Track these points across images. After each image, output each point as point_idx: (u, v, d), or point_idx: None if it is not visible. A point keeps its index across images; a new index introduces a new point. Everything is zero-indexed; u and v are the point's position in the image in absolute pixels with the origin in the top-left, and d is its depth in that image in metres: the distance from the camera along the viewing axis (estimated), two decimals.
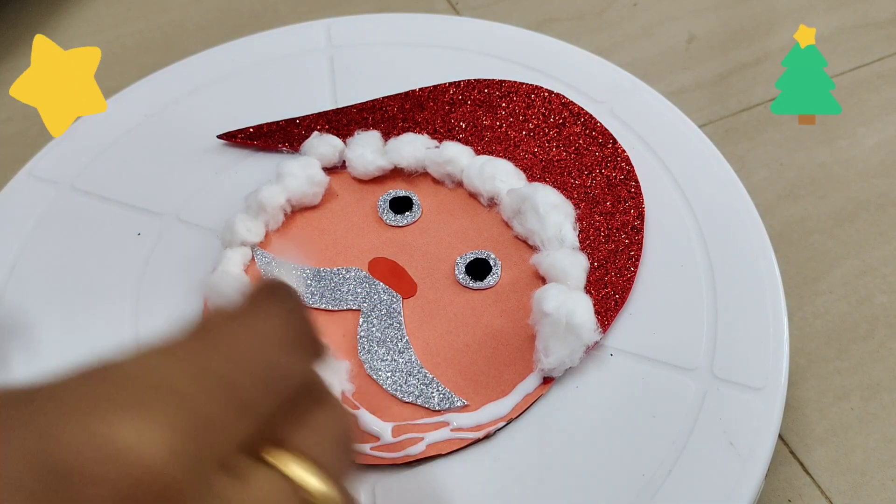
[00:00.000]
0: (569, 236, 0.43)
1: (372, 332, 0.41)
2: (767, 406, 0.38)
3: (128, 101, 0.52)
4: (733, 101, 0.61)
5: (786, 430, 0.46)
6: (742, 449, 0.37)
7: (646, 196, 0.45)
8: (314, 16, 0.62)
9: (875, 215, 0.55)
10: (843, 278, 0.52)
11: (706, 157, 0.47)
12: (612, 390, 0.39)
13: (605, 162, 0.46)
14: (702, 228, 0.44)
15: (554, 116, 0.48)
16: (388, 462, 0.37)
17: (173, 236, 0.46)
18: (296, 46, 0.55)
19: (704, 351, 0.40)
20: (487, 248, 0.44)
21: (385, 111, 0.50)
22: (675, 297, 0.42)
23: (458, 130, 0.48)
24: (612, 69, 0.52)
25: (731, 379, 0.39)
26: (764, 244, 0.44)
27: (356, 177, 0.47)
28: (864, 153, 0.58)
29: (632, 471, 0.37)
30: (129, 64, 0.66)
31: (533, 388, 0.39)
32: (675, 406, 0.38)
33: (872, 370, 0.48)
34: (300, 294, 0.24)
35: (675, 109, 0.50)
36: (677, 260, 0.43)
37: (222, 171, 0.49)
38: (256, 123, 0.50)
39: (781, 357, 0.40)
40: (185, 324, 0.21)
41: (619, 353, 0.40)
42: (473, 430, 0.38)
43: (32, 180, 0.49)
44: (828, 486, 0.44)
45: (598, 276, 0.42)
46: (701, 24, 0.67)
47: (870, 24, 0.66)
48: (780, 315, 0.41)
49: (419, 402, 0.39)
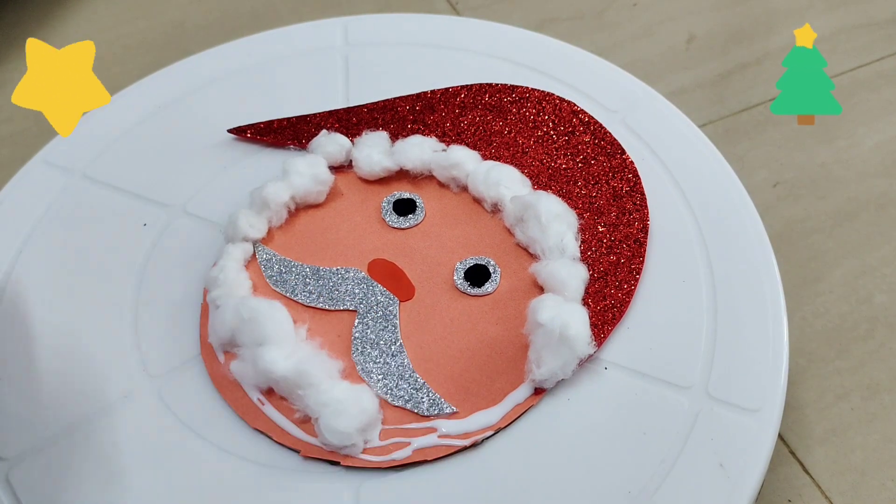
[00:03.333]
0: (570, 246, 0.42)
1: (366, 334, 0.41)
2: (761, 428, 0.38)
3: (142, 93, 0.53)
4: (733, 101, 0.61)
5: (786, 430, 0.46)
6: (732, 471, 0.36)
7: (651, 207, 0.45)
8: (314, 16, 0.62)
9: (875, 215, 0.54)
10: (843, 278, 0.52)
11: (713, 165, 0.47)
12: (604, 405, 0.39)
13: (613, 173, 0.46)
14: (704, 238, 0.44)
15: (564, 125, 0.48)
16: (373, 465, 0.37)
17: (178, 228, 0.46)
18: (312, 44, 0.55)
19: (701, 369, 0.40)
20: (488, 254, 0.44)
21: (396, 112, 0.50)
22: (675, 313, 0.41)
23: (467, 134, 0.48)
24: (626, 77, 0.52)
25: (725, 399, 0.39)
26: (765, 246, 0.43)
27: (362, 177, 0.47)
28: (864, 153, 0.57)
29: (618, 487, 0.36)
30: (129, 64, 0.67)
31: (523, 399, 0.39)
32: (666, 424, 0.38)
33: (872, 370, 0.48)
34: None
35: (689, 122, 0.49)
36: (679, 275, 0.43)
37: (231, 166, 0.49)
38: (267, 119, 0.50)
39: (779, 378, 0.39)
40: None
41: (613, 367, 0.40)
42: (461, 437, 0.38)
43: (46, 166, 0.50)
44: (828, 486, 0.44)
45: (597, 288, 0.42)
46: (701, 24, 0.66)
47: (870, 24, 0.65)
48: (781, 329, 0.40)
49: (408, 406, 0.39)
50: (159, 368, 0.41)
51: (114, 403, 0.40)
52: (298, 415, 0.38)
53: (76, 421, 0.39)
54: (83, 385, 0.40)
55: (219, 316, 0.41)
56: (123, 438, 0.39)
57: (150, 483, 0.37)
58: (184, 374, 0.41)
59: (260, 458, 0.38)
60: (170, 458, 0.38)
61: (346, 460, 0.37)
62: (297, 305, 0.42)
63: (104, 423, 0.39)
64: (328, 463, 0.37)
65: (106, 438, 0.39)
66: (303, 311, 0.42)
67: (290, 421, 0.38)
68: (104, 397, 0.40)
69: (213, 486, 0.37)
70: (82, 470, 0.38)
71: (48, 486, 0.37)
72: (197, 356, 0.41)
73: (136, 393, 0.40)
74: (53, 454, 0.38)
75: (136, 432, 0.39)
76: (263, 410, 0.39)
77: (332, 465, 0.37)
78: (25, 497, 0.37)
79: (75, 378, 0.41)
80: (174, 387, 0.40)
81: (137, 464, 0.38)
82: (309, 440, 0.38)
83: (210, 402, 0.40)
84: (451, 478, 0.37)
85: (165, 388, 0.40)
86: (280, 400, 0.39)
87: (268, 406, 0.39)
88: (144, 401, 0.40)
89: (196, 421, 0.39)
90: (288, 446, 0.38)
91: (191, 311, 0.43)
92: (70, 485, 0.37)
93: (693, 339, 0.41)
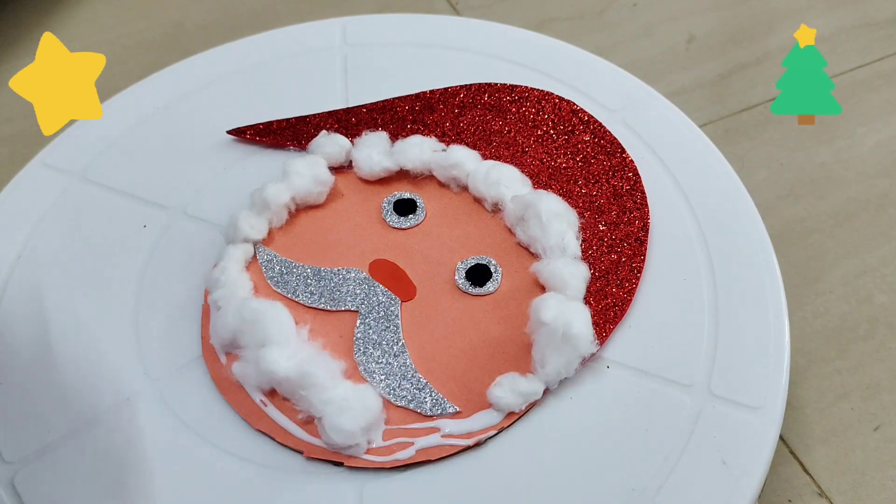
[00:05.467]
0: (571, 245, 0.42)
1: (368, 335, 0.41)
2: (763, 425, 0.38)
3: (142, 94, 0.53)
4: (733, 101, 0.61)
5: (786, 430, 0.46)
6: (735, 468, 0.37)
7: (652, 206, 0.45)
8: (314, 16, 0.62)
9: (875, 215, 0.55)
10: (843, 278, 0.52)
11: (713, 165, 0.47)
12: (607, 403, 0.39)
13: (613, 171, 0.46)
14: (705, 236, 0.44)
15: (563, 124, 0.48)
16: (377, 466, 0.37)
17: (178, 230, 0.46)
18: (310, 44, 0.55)
19: (703, 367, 0.40)
20: (489, 254, 0.44)
21: (395, 112, 0.50)
22: (677, 311, 0.42)
23: (466, 134, 0.48)
24: (626, 77, 0.52)
25: (728, 397, 0.39)
26: (765, 246, 0.43)
27: (362, 177, 0.47)
28: (864, 153, 0.58)
29: (622, 485, 0.36)
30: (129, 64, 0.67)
31: None
32: (669, 421, 0.38)
33: (872, 370, 0.48)
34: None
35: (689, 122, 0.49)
36: (680, 273, 0.43)
37: (230, 167, 0.49)
38: (266, 120, 0.50)
39: (780, 375, 0.39)
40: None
41: (616, 365, 0.40)
42: (464, 437, 0.38)
43: (45, 168, 0.50)
44: (828, 486, 0.44)
45: (598, 287, 0.42)
46: (701, 24, 0.67)
47: (870, 24, 0.65)
48: (782, 327, 0.40)
49: (411, 406, 0.39)
50: (161, 371, 0.41)
51: (116, 406, 0.40)
52: (301, 416, 0.38)
53: (79, 425, 0.39)
54: (85, 388, 0.40)
55: (220, 317, 0.41)
56: (126, 441, 0.39)
57: (154, 486, 0.37)
58: (186, 376, 0.41)
59: (263, 459, 0.38)
60: (173, 461, 0.38)
61: (350, 461, 0.37)
62: (299, 306, 0.42)
63: (107, 426, 0.39)
64: (331, 464, 0.37)
65: (109, 441, 0.39)
66: (304, 311, 0.42)
67: (293, 422, 0.38)
68: (107, 400, 0.40)
69: (217, 488, 0.37)
70: (86, 473, 0.38)
71: (52, 490, 0.37)
72: (199, 358, 0.41)
73: (138, 396, 0.40)
74: (57, 458, 0.38)
75: (138, 435, 0.39)
76: (266, 412, 0.39)
77: (336, 466, 0.37)
78: (30, 500, 0.37)
79: (77, 382, 0.40)
80: (176, 389, 0.40)
81: (141, 466, 0.38)
82: (312, 441, 0.38)
83: (212, 403, 0.40)
84: (455, 477, 0.37)
85: (167, 391, 0.40)
86: (283, 401, 0.39)
87: (270, 407, 0.39)
88: (147, 403, 0.40)
89: (199, 423, 0.39)
90: (291, 447, 0.38)
91: (192, 312, 0.43)
92: (74, 488, 0.37)
93: (695, 337, 0.41)
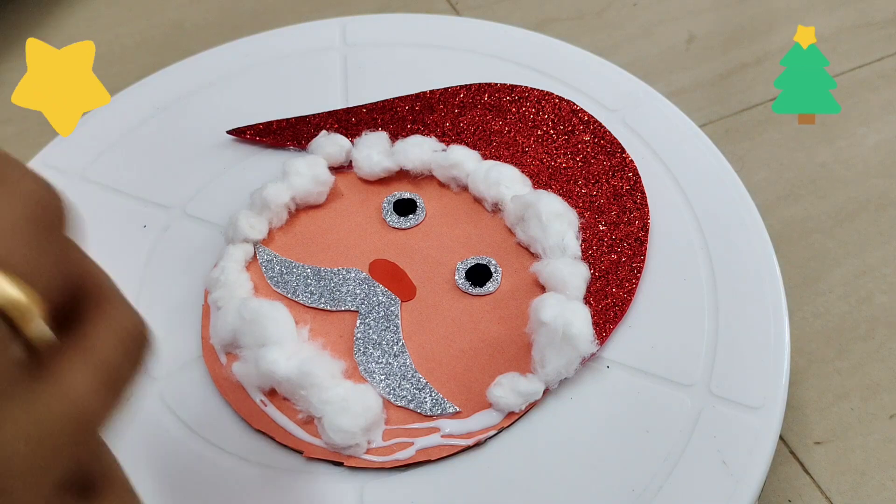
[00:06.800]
0: (571, 245, 0.42)
1: (368, 335, 0.41)
2: (764, 425, 0.38)
3: (141, 94, 0.53)
4: (733, 101, 0.61)
5: (786, 430, 0.46)
6: (735, 468, 0.37)
7: (652, 206, 0.45)
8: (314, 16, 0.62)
9: (875, 215, 0.55)
10: (843, 278, 0.52)
11: (713, 165, 0.47)
12: (607, 403, 0.39)
13: (612, 171, 0.46)
14: (705, 236, 0.44)
15: (563, 124, 0.48)
16: (377, 466, 0.37)
17: (178, 230, 0.46)
18: (310, 44, 0.55)
19: (703, 367, 0.40)
20: (489, 254, 0.44)
21: (395, 112, 0.50)
22: (676, 311, 0.42)
23: (466, 134, 0.48)
24: (626, 77, 0.52)
25: (728, 397, 0.39)
26: (765, 246, 0.43)
27: (362, 177, 0.47)
28: (864, 153, 0.58)
29: (622, 486, 0.36)
30: (129, 64, 0.66)
31: None
32: (669, 422, 0.38)
33: (872, 370, 0.48)
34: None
35: (689, 122, 0.49)
36: (680, 273, 0.43)
37: (231, 167, 0.49)
38: (266, 120, 0.50)
39: (780, 375, 0.39)
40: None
41: (616, 365, 0.40)
42: (464, 437, 0.38)
43: (44, 169, 0.49)
44: (828, 486, 0.44)
45: (598, 287, 0.42)
46: (701, 24, 0.66)
47: (870, 24, 0.65)
48: (782, 327, 0.40)
49: (411, 406, 0.39)
50: (160, 370, 0.41)
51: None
52: (301, 416, 0.38)
53: None
54: None
55: (220, 317, 0.41)
56: (125, 441, 0.38)
57: (153, 486, 0.37)
58: (185, 376, 0.41)
59: (263, 459, 0.38)
60: (172, 461, 0.38)
61: (350, 461, 0.37)
62: (299, 306, 0.42)
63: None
64: (331, 464, 0.37)
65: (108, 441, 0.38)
66: (304, 311, 0.42)
67: (293, 422, 0.38)
68: None
69: (216, 488, 0.37)
70: None
71: None
72: (198, 358, 0.41)
73: (137, 395, 0.40)
74: None
75: (137, 435, 0.39)
76: (266, 412, 0.39)
77: (336, 466, 0.37)
78: None
79: None
80: (176, 389, 0.40)
81: (140, 467, 0.38)
82: (312, 441, 0.38)
83: (212, 403, 0.40)
84: (455, 477, 0.37)
85: (167, 391, 0.40)
86: (283, 401, 0.39)
87: (270, 407, 0.39)
88: (146, 403, 0.40)
89: (198, 423, 0.39)
90: (291, 447, 0.38)
91: (192, 312, 0.43)
92: None
93: (695, 337, 0.41)
